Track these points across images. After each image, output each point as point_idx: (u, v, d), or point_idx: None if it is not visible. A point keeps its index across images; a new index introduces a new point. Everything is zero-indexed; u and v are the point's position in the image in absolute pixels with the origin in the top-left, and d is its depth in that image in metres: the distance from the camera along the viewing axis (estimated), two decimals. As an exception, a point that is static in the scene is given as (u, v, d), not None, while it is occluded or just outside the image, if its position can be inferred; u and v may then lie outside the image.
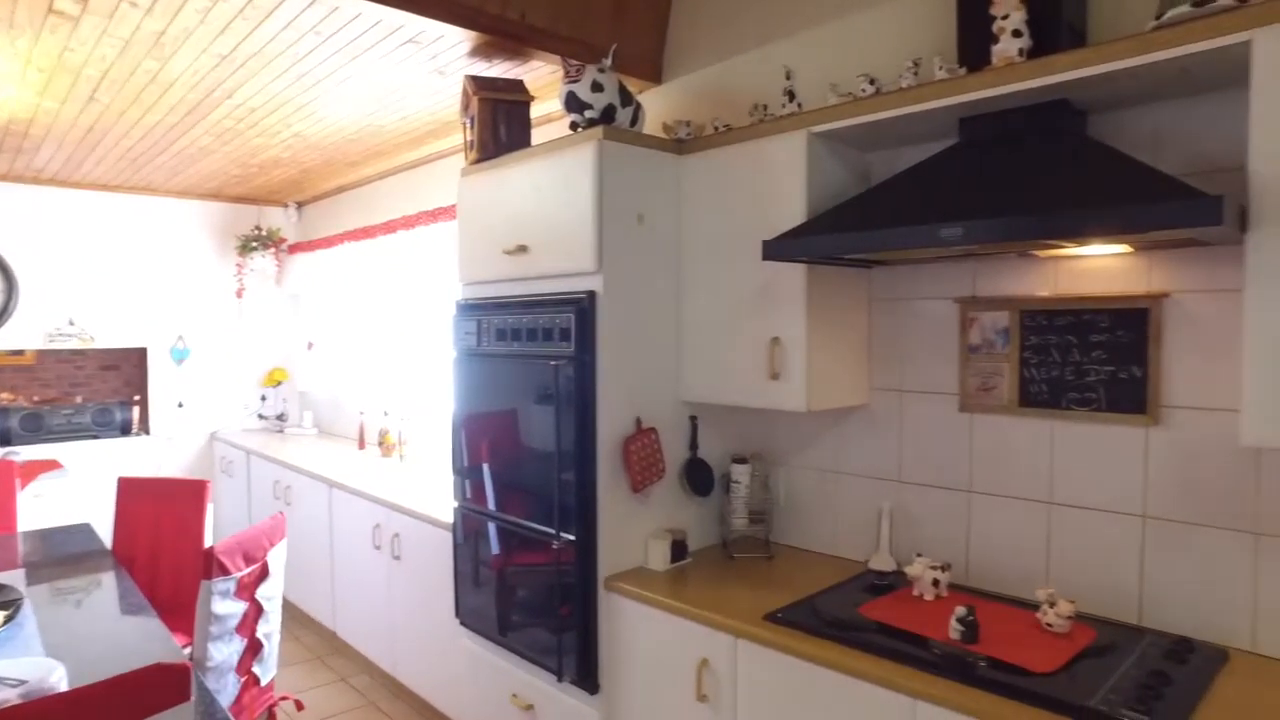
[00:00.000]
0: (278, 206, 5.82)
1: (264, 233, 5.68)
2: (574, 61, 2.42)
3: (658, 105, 2.97)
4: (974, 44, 1.97)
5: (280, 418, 5.75)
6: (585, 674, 2.38)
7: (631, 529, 2.43)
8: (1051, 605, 1.85)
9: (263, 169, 4.69)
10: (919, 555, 2.11)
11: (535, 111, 2.89)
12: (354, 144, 4.07)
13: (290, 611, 4.52)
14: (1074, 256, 2.01)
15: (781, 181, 2.21)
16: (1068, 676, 1.66)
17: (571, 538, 2.37)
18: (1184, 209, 1.39)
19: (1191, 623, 1.86)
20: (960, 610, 1.82)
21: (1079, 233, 1.55)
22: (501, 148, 2.72)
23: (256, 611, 2.55)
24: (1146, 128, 1.90)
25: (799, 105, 2.33)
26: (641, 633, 2.27)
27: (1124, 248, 1.87)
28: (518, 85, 2.79)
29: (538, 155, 2.51)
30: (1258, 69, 1.50)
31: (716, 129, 2.51)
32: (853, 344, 2.36)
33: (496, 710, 2.72)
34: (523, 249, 2.54)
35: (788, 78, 2.39)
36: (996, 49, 1.88)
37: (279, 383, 5.78)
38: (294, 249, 5.74)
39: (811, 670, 1.86)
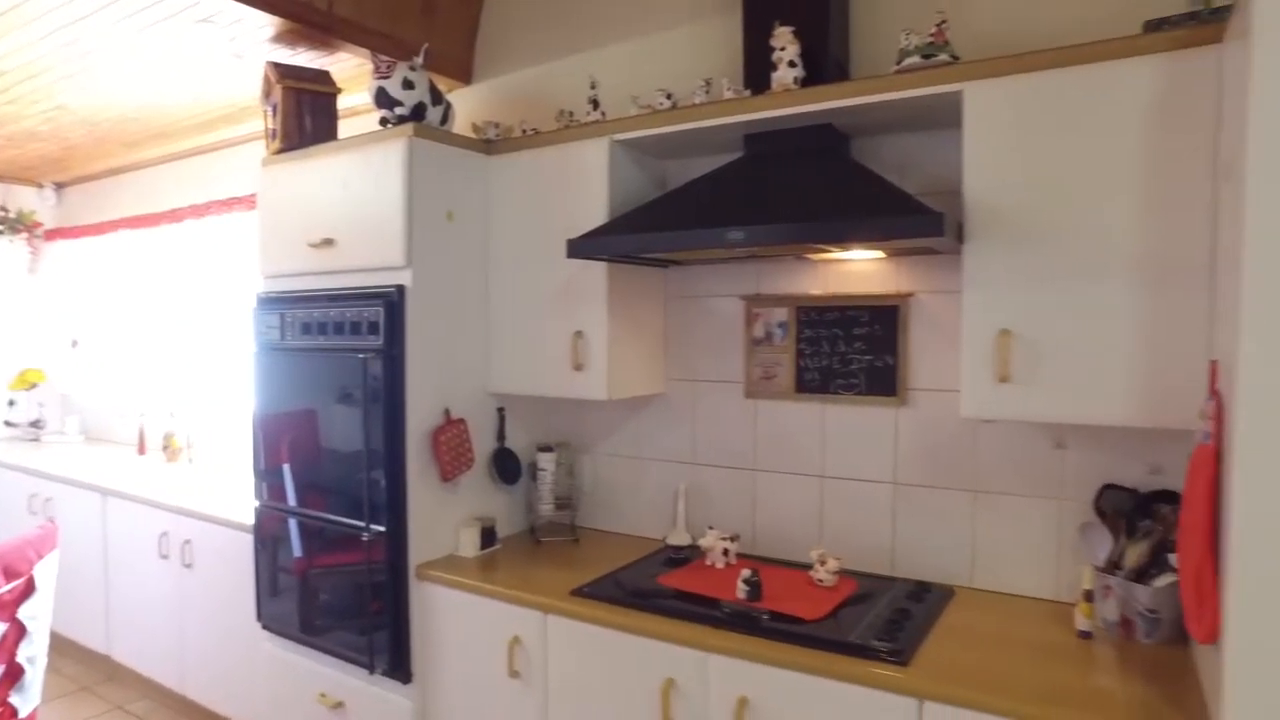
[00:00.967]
0: (30, 186, 5.20)
1: (13, 215, 5.06)
2: (384, 57, 2.44)
3: (467, 105, 3.03)
4: (757, 70, 2.22)
5: (35, 424, 5.14)
6: (397, 664, 2.39)
7: (442, 518, 2.48)
8: (822, 563, 2.13)
9: (13, 142, 4.19)
10: (711, 528, 2.34)
11: (341, 103, 2.85)
12: (133, 123, 3.76)
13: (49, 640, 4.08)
14: (840, 260, 2.32)
15: (585, 184, 2.36)
16: (834, 621, 1.93)
17: (382, 529, 2.38)
18: (913, 222, 1.69)
19: (930, 568, 2.22)
20: (745, 573, 2.05)
21: (836, 239, 1.82)
22: (307, 138, 2.66)
23: (18, 633, 2.32)
24: (896, 152, 2.23)
25: (603, 114, 2.49)
26: (454, 617, 2.32)
27: (879, 253, 2.19)
28: (324, 76, 2.75)
29: (346, 149, 2.49)
30: (968, 113, 1.84)
31: (525, 132, 2.61)
32: (651, 337, 2.56)
33: (303, 712, 2.66)
34: (329, 242, 2.51)
35: (592, 87, 2.54)
36: (775, 76, 2.13)
37: (33, 385, 5.16)
38: (52, 235, 5.17)
39: (615, 636, 2.01)
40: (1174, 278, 1.65)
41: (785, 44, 2.13)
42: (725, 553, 2.29)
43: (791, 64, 2.12)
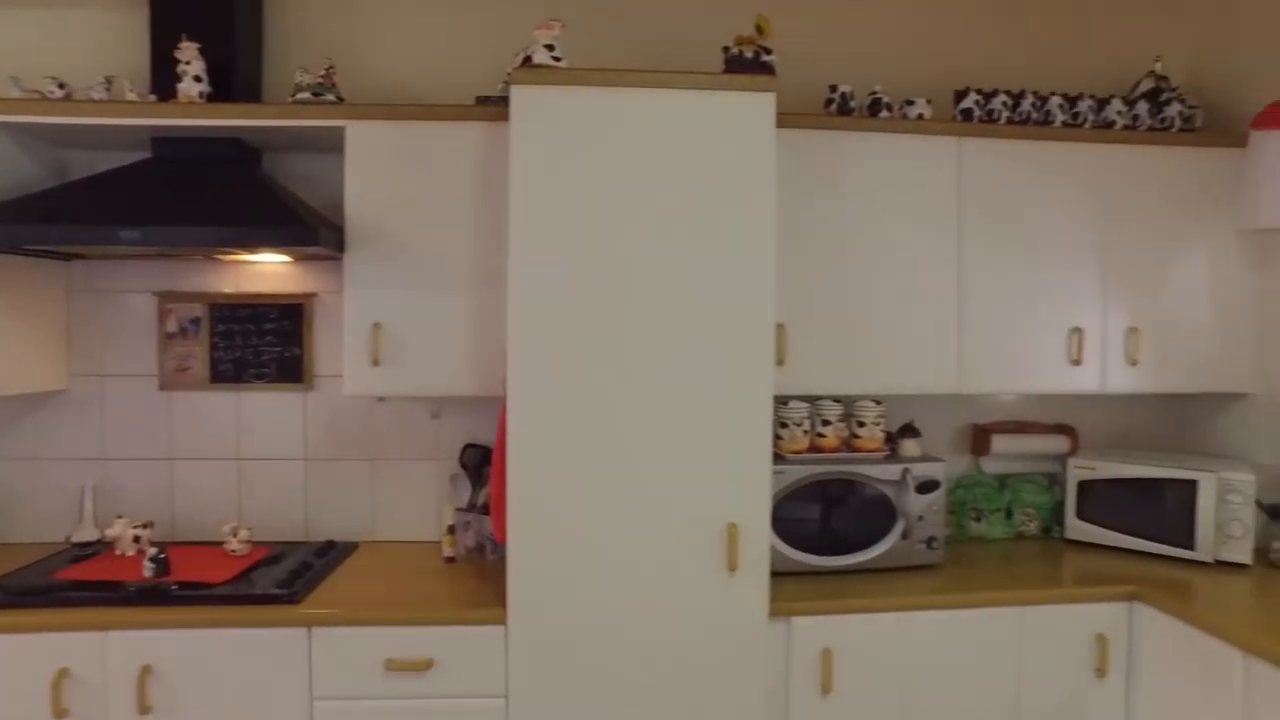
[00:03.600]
0: None
1: None
2: None
3: None
4: (164, 77, 2.33)
5: None
6: None
7: None
8: (235, 535, 2.35)
9: None
10: (119, 518, 2.37)
11: None
12: None
13: None
14: (252, 262, 2.55)
15: (-43, 167, 2.20)
16: (243, 580, 2.16)
17: None
18: (289, 232, 2.04)
19: (337, 529, 2.60)
20: (151, 552, 2.16)
21: (218, 244, 2.07)
22: None
23: None
24: (305, 170, 2.55)
25: (-21, 92, 2.33)
26: None
27: (284, 257, 2.48)
28: None
29: None
30: (349, 146, 2.25)
31: None
32: (48, 331, 2.46)
33: None
34: None
35: (-34, 60, 2.36)
36: (181, 87, 2.28)
37: None
38: None
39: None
40: (494, 285, 2.27)
41: (190, 58, 2.29)
42: (137, 540, 2.35)
43: (198, 78, 2.29)
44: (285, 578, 2.17)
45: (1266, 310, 2.54)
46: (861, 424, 2.45)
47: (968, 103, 2.46)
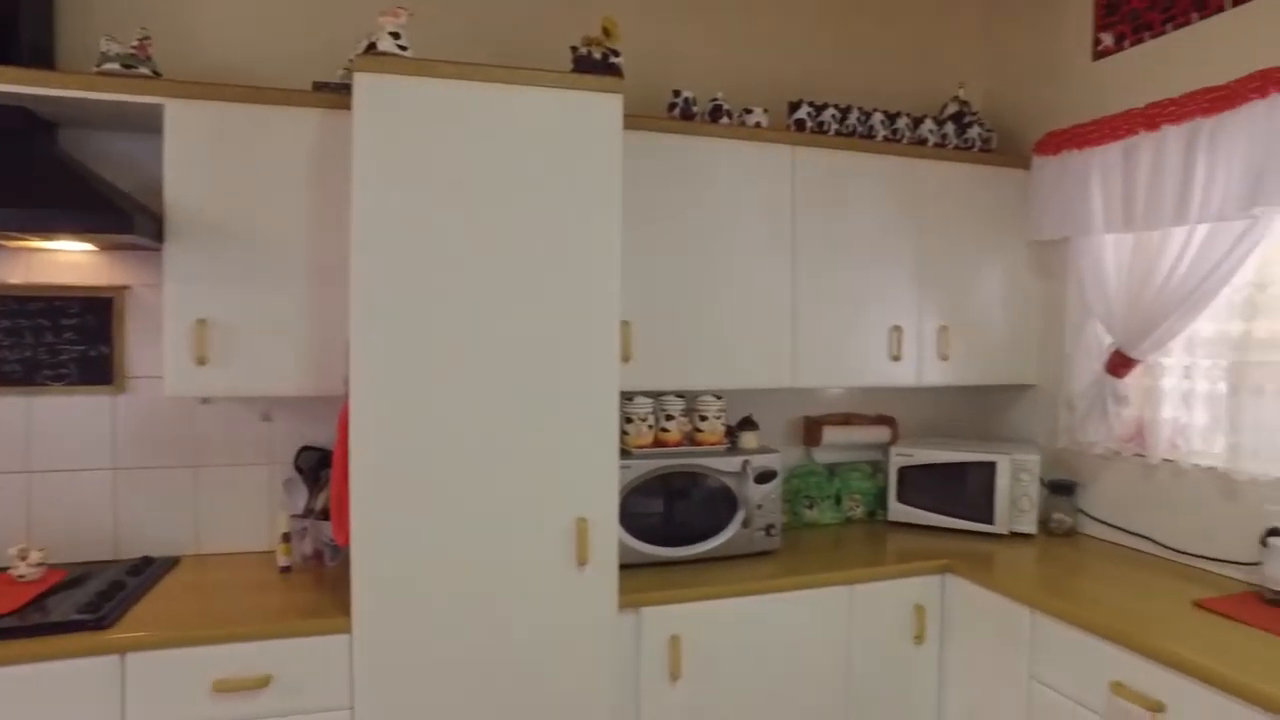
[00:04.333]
0: None
1: None
2: None
3: None
4: (-76, 33, 2.04)
5: None
6: None
7: None
8: (23, 559, 2.08)
9: None
10: (-124, 543, 2.05)
11: None
12: None
13: None
14: (46, 250, 2.28)
15: None
16: (34, 609, 1.91)
17: None
18: (98, 218, 1.84)
19: (155, 544, 2.37)
20: (-79, 579, 1.89)
21: (11, 229, 1.83)
22: None
23: None
24: (115, 149, 2.30)
25: None
26: None
27: (89, 246, 2.24)
28: None
29: None
30: (169, 127, 2.06)
31: None
32: None
33: None
34: None
35: None
36: (-51, 45, 2.00)
37: None
38: None
39: None
40: (330, 279, 2.16)
41: (-36, 14, 2.02)
42: (-102, 568, 2.04)
43: (-25, 39, 2.02)
44: (91, 601, 1.96)
45: (1046, 312, 2.88)
46: (704, 418, 2.54)
47: (801, 114, 2.62)
